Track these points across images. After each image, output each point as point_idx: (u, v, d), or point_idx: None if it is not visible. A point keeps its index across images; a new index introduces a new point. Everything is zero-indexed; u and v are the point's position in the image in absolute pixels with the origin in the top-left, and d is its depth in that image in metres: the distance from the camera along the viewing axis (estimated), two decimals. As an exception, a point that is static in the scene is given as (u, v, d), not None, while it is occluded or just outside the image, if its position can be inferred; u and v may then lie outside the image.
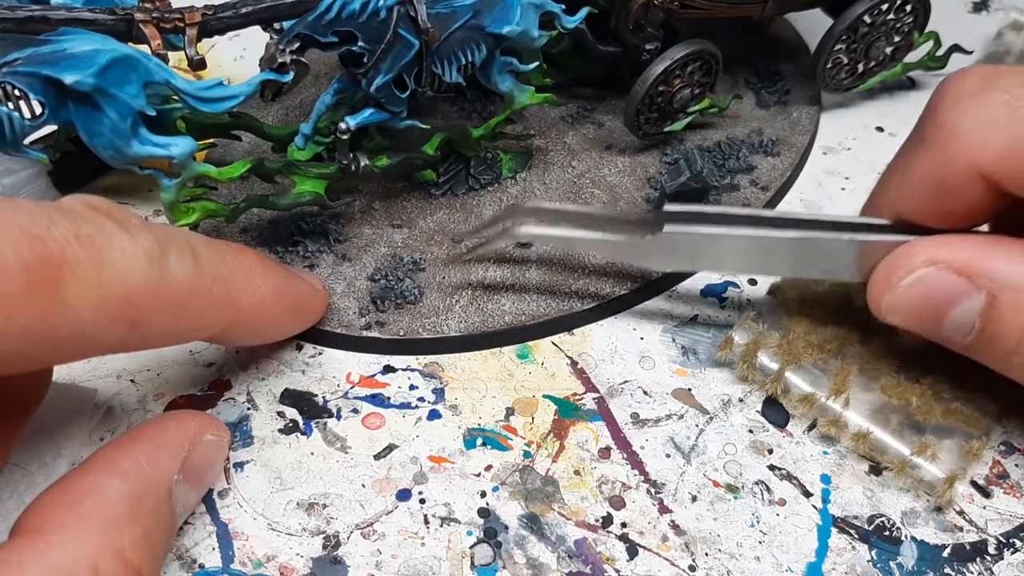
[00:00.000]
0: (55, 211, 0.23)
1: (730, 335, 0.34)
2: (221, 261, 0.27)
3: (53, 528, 0.23)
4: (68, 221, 0.23)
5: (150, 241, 0.24)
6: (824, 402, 0.32)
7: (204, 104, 0.31)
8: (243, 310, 0.28)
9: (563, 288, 0.36)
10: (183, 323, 0.26)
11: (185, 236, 0.27)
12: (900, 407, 0.32)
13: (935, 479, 0.30)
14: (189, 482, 0.27)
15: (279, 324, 0.32)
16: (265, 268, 0.30)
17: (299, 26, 0.32)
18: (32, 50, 0.28)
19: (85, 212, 0.23)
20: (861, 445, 0.32)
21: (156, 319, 0.25)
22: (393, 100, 0.34)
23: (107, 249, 0.23)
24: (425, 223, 0.39)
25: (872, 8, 0.41)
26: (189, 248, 0.26)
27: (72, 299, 0.22)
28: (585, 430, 0.33)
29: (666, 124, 0.42)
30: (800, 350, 0.33)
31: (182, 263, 0.25)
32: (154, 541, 0.25)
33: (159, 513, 0.26)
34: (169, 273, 0.25)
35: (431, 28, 0.33)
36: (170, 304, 0.25)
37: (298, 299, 0.33)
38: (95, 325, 0.23)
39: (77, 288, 0.22)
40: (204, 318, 0.27)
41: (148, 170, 0.32)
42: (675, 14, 0.40)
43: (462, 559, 0.29)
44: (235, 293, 0.28)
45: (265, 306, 0.30)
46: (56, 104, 0.28)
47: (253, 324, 0.30)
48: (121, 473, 0.25)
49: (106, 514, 0.24)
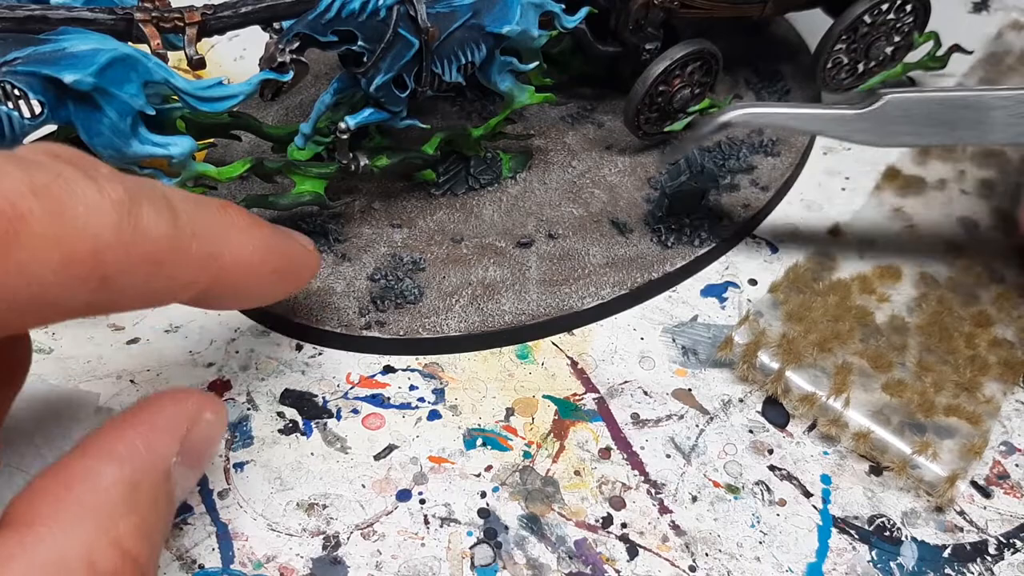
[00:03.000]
0: (6, 160, 0.20)
1: (730, 335, 0.34)
2: (201, 215, 0.25)
3: (44, 518, 0.21)
4: (20, 171, 0.20)
5: (119, 191, 0.22)
6: (824, 401, 0.32)
7: (204, 103, 0.31)
8: (226, 267, 0.26)
9: (563, 288, 0.36)
10: (159, 281, 0.24)
11: (160, 188, 0.24)
12: (901, 406, 0.32)
13: (936, 478, 0.30)
14: (188, 464, 0.25)
15: (266, 285, 0.30)
16: (251, 224, 0.28)
17: (299, 25, 0.31)
18: (32, 49, 0.28)
19: (43, 160, 0.21)
20: (862, 445, 0.32)
21: (129, 278, 0.22)
22: (393, 100, 0.34)
23: (68, 201, 0.20)
24: (425, 223, 0.39)
25: (872, 8, 0.41)
26: (164, 200, 0.23)
27: (28, 259, 0.20)
28: (585, 430, 0.33)
29: (666, 124, 0.42)
30: (800, 349, 0.33)
31: (157, 216, 0.23)
32: (152, 528, 0.23)
33: (156, 498, 0.24)
34: (142, 226, 0.22)
35: (431, 27, 0.33)
36: (144, 261, 0.22)
37: (287, 258, 0.30)
38: (58, 286, 0.21)
39: (33, 247, 0.20)
40: (183, 276, 0.25)
41: (148, 169, 0.32)
42: (675, 14, 0.40)
43: (462, 559, 0.29)
44: (217, 249, 0.25)
45: (251, 264, 0.27)
46: (56, 103, 0.28)
47: (237, 284, 0.28)
48: (116, 458, 0.23)
49: (101, 502, 0.22)
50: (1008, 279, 0.37)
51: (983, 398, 0.32)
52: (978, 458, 0.31)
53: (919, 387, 0.32)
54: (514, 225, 0.39)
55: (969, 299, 0.36)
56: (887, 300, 0.36)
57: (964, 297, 0.36)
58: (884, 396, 0.32)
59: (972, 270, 0.37)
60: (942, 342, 0.34)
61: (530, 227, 0.39)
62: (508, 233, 0.39)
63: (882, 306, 0.36)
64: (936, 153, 0.44)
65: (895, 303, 0.36)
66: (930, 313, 0.35)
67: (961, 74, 0.48)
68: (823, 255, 0.38)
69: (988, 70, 0.49)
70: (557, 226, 0.39)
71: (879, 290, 0.37)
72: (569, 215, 0.39)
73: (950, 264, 0.38)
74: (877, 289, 0.37)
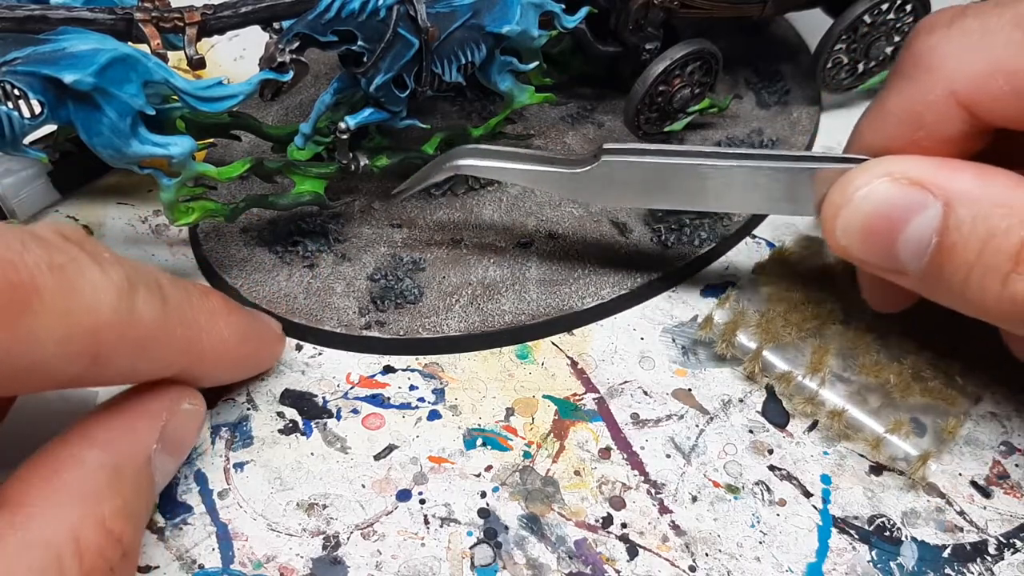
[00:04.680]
0: (29, 237, 0.22)
1: (710, 314, 0.34)
2: (187, 302, 0.27)
3: (32, 500, 0.23)
4: (41, 248, 0.22)
5: (120, 276, 0.24)
6: (800, 380, 0.32)
7: (203, 103, 0.31)
8: (203, 354, 0.28)
9: (563, 288, 0.36)
10: (144, 362, 0.26)
11: (154, 274, 0.26)
12: (878, 386, 0.32)
13: (909, 457, 0.31)
14: (167, 451, 0.27)
15: (236, 369, 0.32)
16: (229, 312, 0.29)
17: (298, 25, 0.31)
18: (31, 49, 0.28)
19: (58, 241, 0.23)
20: (836, 423, 0.32)
21: (118, 356, 0.24)
22: (393, 99, 0.34)
23: (78, 280, 0.23)
24: (425, 223, 0.39)
25: (872, 8, 0.41)
26: (157, 287, 0.26)
27: (38, 328, 0.21)
28: (585, 430, 0.33)
29: (666, 124, 0.42)
30: (779, 329, 0.34)
31: (150, 301, 0.25)
32: (134, 510, 0.25)
33: (139, 482, 0.26)
34: (136, 310, 0.24)
35: (431, 27, 0.33)
36: (134, 342, 0.25)
37: (258, 342, 0.32)
38: (57, 357, 0.22)
39: (44, 318, 0.22)
40: (165, 359, 0.27)
41: (148, 169, 0.32)
42: (675, 14, 0.40)
43: (462, 559, 0.29)
44: (197, 336, 0.28)
45: (226, 351, 0.30)
46: (55, 103, 0.28)
47: (211, 367, 0.30)
48: (99, 444, 0.25)
49: (86, 485, 0.24)
50: None
51: (961, 381, 0.33)
52: (953, 437, 0.31)
53: (897, 368, 0.33)
54: (514, 225, 0.39)
55: None
56: None
57: None
58: (862, 376, 0.33)
59: None
60: (922, 325, 0.34)
61: (530, 227, 0.39)
62: (508, 233, 0.39)
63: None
64: None
65: None
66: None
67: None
68: (809, 239, 0.38)
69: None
70: (557, 226, 0.39)
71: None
72: (569, 215, 0.39)
73: None
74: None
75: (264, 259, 0.37)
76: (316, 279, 0.36)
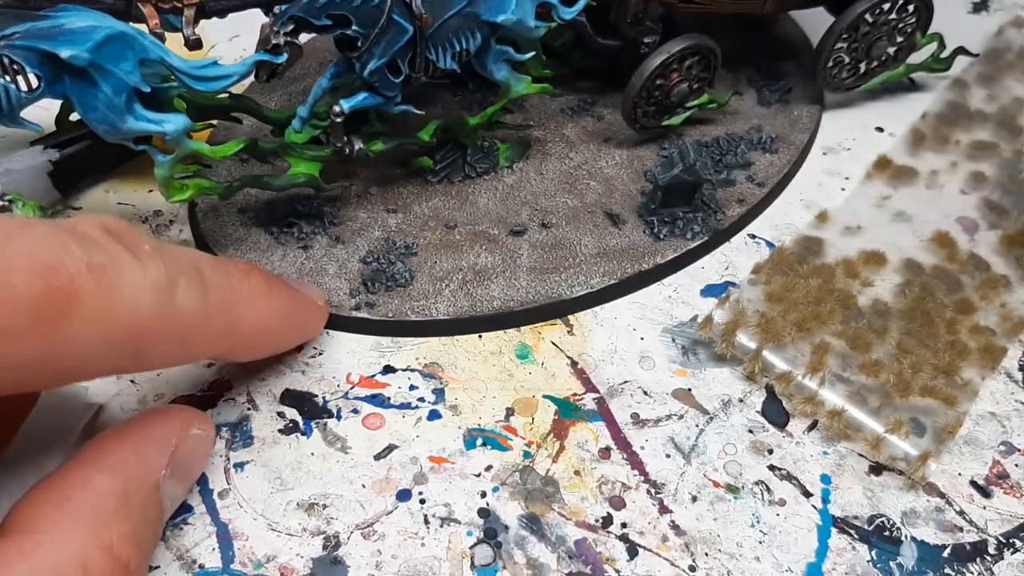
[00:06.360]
0: (69, 238, 0.22)
1: (710, 314, 0.34)
2: (227, 287, 0.27)
3: (41, 526, 0.23)
4: (81, 249, 0.22)
5: (160, 272, 0.24)
6: (800, 380, 0.32)
7: (198, 83, 0.31)
8: (243, 336, 0.28)
9: (553, 276, 0.36)
10: (184, 352, 0.27)
11: (195, 262, 0.26)
12: (878, 386, 0.32)
13: (909, 456, 0.31)
14: (176, 477, 0.27)
15: (278, 343, 0.32)
16: (271, 292, 0.29)
17: (293, 8, 0.32)
18: (30, 24, 0.28)
19: (99, 237, 0.23)
20: (836, 423, 0.32)
21: (158, 349, 0.25)
22: (387, 84, 0.34)
23: (117, 280, 0.22)
24: (420, 209, 0.39)
25: (873, 7, 0.41)
26: (198, 275, 0.26)
27: (77, 332, 0.22)
28: (585, 430, 0.33)
29: (664, 118, 0.42)
30: (779, 329, 0.34)
31: (190, 294, 0.25)
32: (142, 536, 0.25)
33: (147, 508, 0.26)
34: (176, 304, 0.24)
35: (425, 14, 0.33)
36: (174, 335, 0.25)
37: (301, 317, 0.32)
38: (96, 354, 0.23)
39: (84, 321, 0.22)
40: (204, 346, 0.27)
41: (142, 146, 0.32)
42: (675, 8, 0.40)
43: (462, 559, 0.29)
44: (238, 320, 0.28)
45: (266, 330, 0.30)
46: (52, 78, 0.29)
47: (251, 347, 0.30)
48: (108, 469, 0.25)
49: (94, 510, 0.24)
50: (992, 268, 0.37)
51: (961, 381, 0.33)
52: (952, 436, 0.31)
53: (896, 368, 0.33)
54: (508, 213, 0.39)
55: (953, 286, 0.36)
56: (870, 285, 0.37)
57: (948, 284, 0.36)
58: (861, 376, 0.33)
59: (957, 259, 0.38)
60: (923, 327, 0.34)
61: (524, 216, 0.39)
62: (502, 221, 0.39)
63: (865, 290, 0.36)
64: (929, 144, 0.44)
65: (879, 288, 0.36)
66: (913, 299, 0.36)
67: (960, 70, 0.48)
68: (809, 239, 0.38)
69: (987, 67, 0.49)
70: (551, 216, 0.39)
71: (863, 275, 0.37)
72: (564, 205, 0.39)
73: (935, 252, 0.38)
74: (861, 274, 0.37)
75: (260, 239, 0.37)
76: (310, 260, 0.37)
